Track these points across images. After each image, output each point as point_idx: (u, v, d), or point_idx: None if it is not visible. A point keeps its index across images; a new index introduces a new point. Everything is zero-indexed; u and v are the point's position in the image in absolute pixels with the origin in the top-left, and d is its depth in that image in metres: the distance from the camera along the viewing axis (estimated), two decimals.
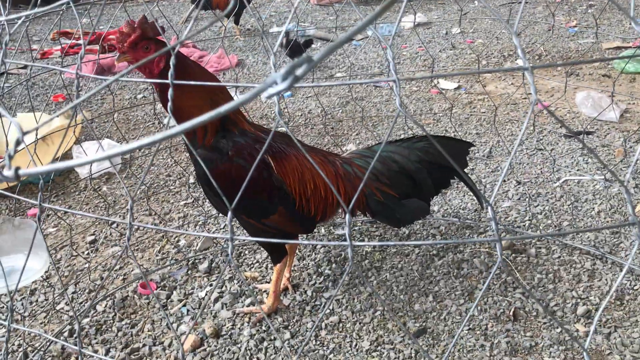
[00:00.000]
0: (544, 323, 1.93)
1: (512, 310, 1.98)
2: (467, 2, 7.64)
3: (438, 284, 2.14)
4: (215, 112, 0.54)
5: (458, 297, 2.07)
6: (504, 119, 3.66)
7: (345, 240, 2.23)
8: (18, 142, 0.51)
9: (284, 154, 1.78)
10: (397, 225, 2.00)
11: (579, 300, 2.02)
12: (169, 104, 0.89)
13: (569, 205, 2.58)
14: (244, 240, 2.26)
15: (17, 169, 0.49)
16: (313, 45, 5.37)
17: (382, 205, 1.87)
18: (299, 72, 0.49)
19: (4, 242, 1.65)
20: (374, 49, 5.60)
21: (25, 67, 5.46)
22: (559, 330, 1.89)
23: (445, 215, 2.57)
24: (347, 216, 0.74)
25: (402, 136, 3.40)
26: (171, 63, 0.94)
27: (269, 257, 2.06)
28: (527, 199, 2.64)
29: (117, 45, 1.64)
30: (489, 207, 0.65)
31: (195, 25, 7.16)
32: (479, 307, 2.01)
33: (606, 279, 2.11)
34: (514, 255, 2.27)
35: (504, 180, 2.84)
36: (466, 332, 1.90)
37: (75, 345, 1.91)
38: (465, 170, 2.08)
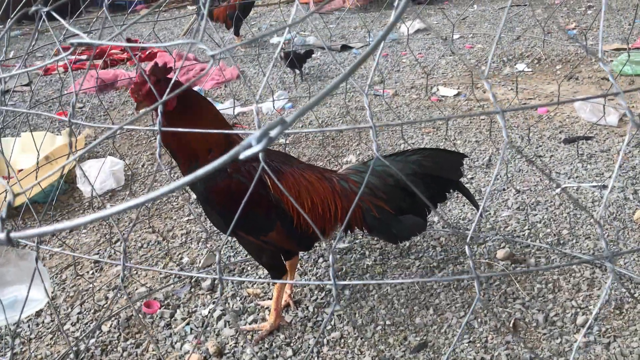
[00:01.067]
0: (544, 334, 1.94)
1: (512, 321, 2.00)
2: (467, 7, 7.66)
3: (439, 297, 2.16)
4: (210, 166, 0.57)
5: (458, 309, 2.09)
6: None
7: (330, 280, 2.26)
8: (10, 205, 0.53)
9: (281, 173, 1.81)
10: (394, 241, 2.03)
11: (578, 309, 2.04)
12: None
13: (568, 213, 2.60)
14: (233, 281, 2.29)
15: (9, 231, 0.51)
16: (314, 55, 5.41)
17: (378, 221, 1.89)
18: (272, 133, 0.52)
19: (7, 273, 1.68)
20: (373, 56, 5.62)
21: (28, 84, 5.52)
22: (558, 341, 1.91)
23: (445, 226, 2.59)
24: (331, 257, 0.76)
25: (403, 146, 3.43)
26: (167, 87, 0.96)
27: (270, 275, 2.08)
28: (526, 208, 2.66)
29: (134, 96, 1.70)
30: (466, 246, 0.67)
31: (196, 37, 7.21)
32: (478, 319, 2.02)
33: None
34: (513, 265, 2.29)
35: (503, 189, 2.85)
36: (466, 344, 1.92)
37: None
38: (461, 180, 2.10)
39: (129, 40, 6.56)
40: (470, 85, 4.45)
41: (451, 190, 2.08)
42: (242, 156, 0.54)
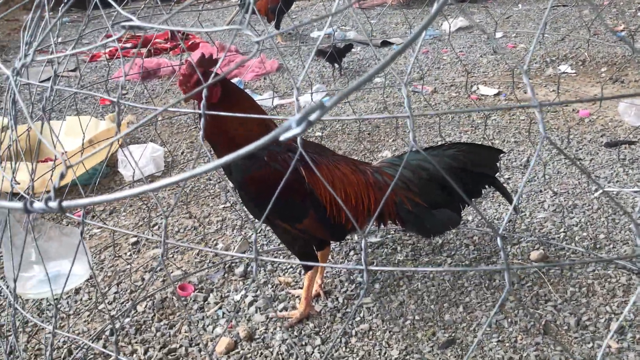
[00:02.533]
0: (575, 338, 1.92)
1: (543, 323, 1.98)
2: (511, 6, 7.54)
3: (469, 295, 2.16)
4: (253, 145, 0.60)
5: (489, 308, 2.08)
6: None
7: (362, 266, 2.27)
8: (62, 176, 0.57)
9: (315, 164, 1.83)
10: (427, 235, 2.03)
11: (612, 315, 2.01)
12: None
13: (606, 217, 2.55)
14: (268, 262, 2.33)
15: (61, 200, 0.55)
16: (353, 50, 5.41)
17: (411, 214, 1.90)
18: (312, 117, 0.54)
19: (50, 248, 1.75)
20: (413, 53, 5.59)
21: (75, 69, 5.68)
22: (590, 345, 1.88)
23: (480, 225, 2.58)
24: (363, 242, 0.77)
25: (439, 142, 3.41)
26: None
27: (301, 265, 2.12)
28: (562, 211, 2.62)
29: (182, 87, 1.74)
30: (498, 238, 0.68)
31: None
32: (508, 319, 2.02)
33: None
34: (547, 267, 2.27)
35: (540, 191, 2.82)
36: (495, 343, 1.91)
37: (116, 344, 2.00)
38: (498, 177, 2.09)
39: (172, 30, 6.66)
40: (511, 84, 4.39)
41: (487, 187, 2.07)
42: (282, 138, 0.56)
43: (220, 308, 2.17)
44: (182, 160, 3.55)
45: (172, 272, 2.40)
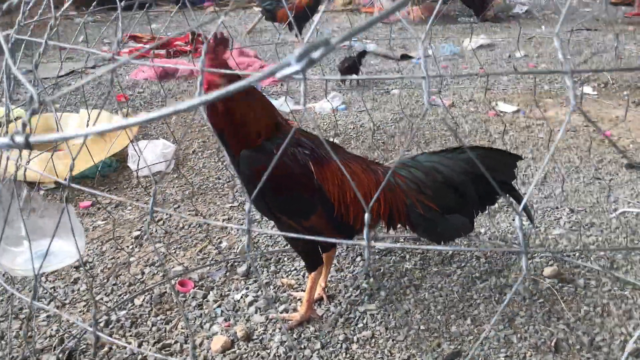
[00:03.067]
0: (588, 358, 1.83)
1: (554, 341, 1.89)
2: (534, 27, 7.48)
3: (478, 308, 2.07)
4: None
5: (498, 322, 1.99)
6: (562, 145, 3.54)
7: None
8: (34, 112, 0.51)
9: (325, 160, 1.77)
10: (438, 240, 1.95)
11: (628, 337, 1.91)
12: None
13: (624, 237, 2.46)
14: (259, 233, 2.27)
15: (28, 135, 0.49)
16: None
17: (423, 218, 1.83)
18: (315, 54, 0.48)
19: (45, 225, 1.70)
20: (433, 67, 5.54)
21: (94, 67, 5.69)
22: None
23: (492, 238, 2.50)
24: (366, 215, 0.71)
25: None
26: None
27: (305, 265, 2.04)
28: (579, 228, 2.53)
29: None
30: (517, 216, 0.61)
31: (259, 37, 7.31)
32: (518, 335, 1.93)
33: None
34: (560, 284, 2.17)
35: (556, 207, 2.73)
36: (502, 359, 1.82)
37: (110, 336, 1.94)
38: (514, 185, 2.01)
39: (194, 34, 6.69)
40: (532, 102, 4.31)
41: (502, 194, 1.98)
42: (279, 75, 0.50)
43: (219, 306, 2.10)
44: (193, 158, 3.50)
45: (173, 268, 2.34)
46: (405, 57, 6.02)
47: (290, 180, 1.77)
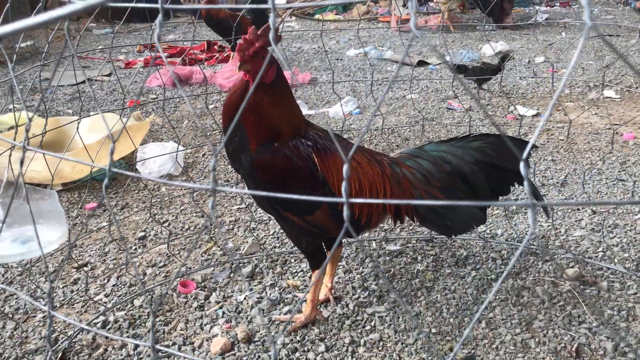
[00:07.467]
0: None
1: (575, 346, 1.76)
2: (554, 34, 7.34)
3: (493, 311, 1.95)
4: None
5: (514, 326, 1.87)
6: (584, 148, 3.41)
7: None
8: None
9: (329, 151, 1.68)
10: (448, 233, 1.83)
11: None
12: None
13: None
14: (227, 192, 2.19)
15: None
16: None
17: (431, 211, 1.72)
18: None
19: (26, 211, 1.63)
20: (450, 73, 5.44)
21: (109, 74, 5.69)
22: None
23: (509, 239, 2.38)
24: (345, 169, 0.62)
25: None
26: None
27: (309, 264, 1.95)
28: (602, 230, 2.40)
29: (240, 54, 1.62)
30: (521, 162, 0.52)
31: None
32: (536, 339, 1.80)
33: None
34: (582, 287, 2.05)
35: (577, 209, 2.60)
36: None
37: (106, 338, 1.86)
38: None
39: (209, 43, 6.68)
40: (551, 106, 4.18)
41: (516, 184, 1.87)
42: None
43: (221, 308, 2.01)
44: (202, 162, 3.44)
45: (176, 269, 2.26)
46: (422, 63, 5.92)
47: (292, 174, 1.69)
